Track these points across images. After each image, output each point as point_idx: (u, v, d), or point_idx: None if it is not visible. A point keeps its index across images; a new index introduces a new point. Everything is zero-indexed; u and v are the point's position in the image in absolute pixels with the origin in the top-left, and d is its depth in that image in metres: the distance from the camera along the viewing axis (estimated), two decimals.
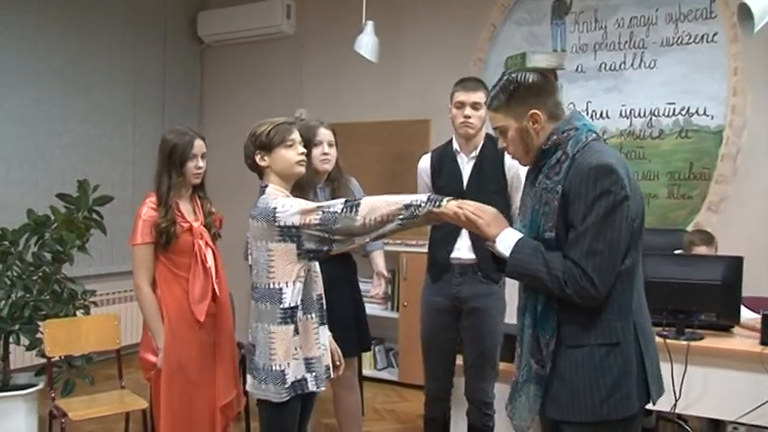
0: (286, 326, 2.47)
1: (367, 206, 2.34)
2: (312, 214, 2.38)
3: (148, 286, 3.11)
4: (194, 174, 3.14)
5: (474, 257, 3.28)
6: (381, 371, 5.61)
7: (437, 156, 3.46)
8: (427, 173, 3.45)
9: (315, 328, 2.56)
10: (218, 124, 6.77)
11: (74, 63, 5.84)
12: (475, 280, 3.29)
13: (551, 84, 2.15)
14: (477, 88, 3.27)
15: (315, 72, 6.34)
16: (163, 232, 3.06)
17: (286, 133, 2.55)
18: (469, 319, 3.32)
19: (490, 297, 3.31)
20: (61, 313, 4.07)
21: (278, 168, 2.56)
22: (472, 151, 3.33)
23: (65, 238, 4.13)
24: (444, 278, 3.35)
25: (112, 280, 5.90)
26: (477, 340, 3.31)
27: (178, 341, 3.08)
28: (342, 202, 2.38)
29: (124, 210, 5.57)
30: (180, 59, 6.80)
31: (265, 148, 2.55)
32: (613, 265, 1.99)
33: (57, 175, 5.58)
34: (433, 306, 3.40)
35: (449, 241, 3.32)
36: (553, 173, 2.06)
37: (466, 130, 3.27)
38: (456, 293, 3.32)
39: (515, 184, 3.28)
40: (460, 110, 3.26)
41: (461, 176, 3.32)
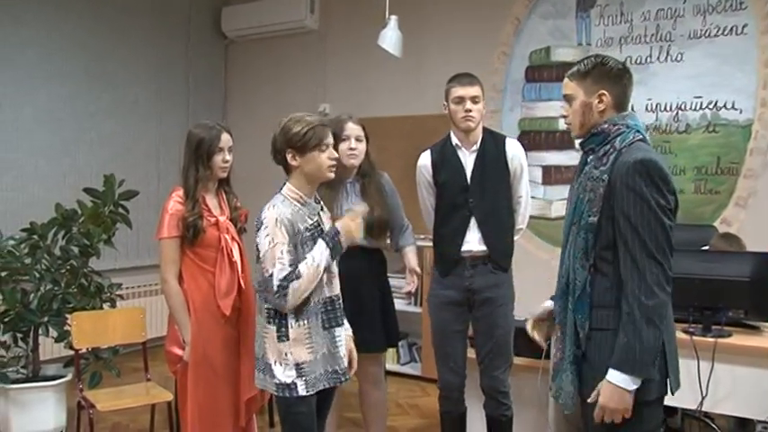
0: (271, 325, 2.54)
1: (295, 291, 2.47)
2: (266, 264, 2.50)
3: (175, 280, 3.11)
4: (221, 167, 3.15)
5: (485, 249, 3.30)
6: (404, 365, 5.59)
7: (437, 152, 3.45)
8: (428, 169, 3.44)
9: (307, 333, 2.55)
10: (243, 119, 6.78)
11: (100, 59, 5.89)
12: (486, 271, 3.32)
13: (629, 78, 2.27)
14: (473, 83, 3.29)
15: (338, 67, 6.34)
16: (190, 226, 3.05)
17: (322, 136, 2.54)
18: (482, 309, 3.34)
19: (501, 286, 3.34)
20: (88, 306, 4.13)
21: (307, 170, 2.56)
22: (473, 145, 3.34)
23: (91, 232, 4.18)
24: (455, 272, 3.35)
25: (138, 273, 5.95)
26: (491, 330, 3.33)
27: (204, 334, 3.10)
28: (278, 282, 2.46)
29: (149, 204, 5.62)
30: (204, 55, 6.84)
31: (298, 148, 2.53)
32: (669, 261, 2.08)
33: (83, 170, 5.64)
34: (443, 300, 3.39)
35: (458, 235, 3.34)
36: (600, 164, 2.19)
37: (468, 124, 3.28)
38: (468, 285, 3.33)
39: (517, 174, 3.35)
40: (461, 105, 3.27)
41: (464, 170, 3.34)
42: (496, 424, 3.42)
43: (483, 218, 3.31)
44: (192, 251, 3.11)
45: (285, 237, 2.48)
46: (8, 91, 5.27)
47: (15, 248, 4.03)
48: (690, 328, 3.19)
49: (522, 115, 5.39)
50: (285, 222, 2.49)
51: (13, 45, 5.28)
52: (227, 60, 7.08)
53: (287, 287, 2.44)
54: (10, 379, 3.99)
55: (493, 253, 3.30)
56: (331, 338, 2.61)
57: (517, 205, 3.41)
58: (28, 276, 4.06)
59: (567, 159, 5.16)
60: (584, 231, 2.18)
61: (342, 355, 2.65)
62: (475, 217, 3.31)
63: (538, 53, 5.30)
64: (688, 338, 3.09)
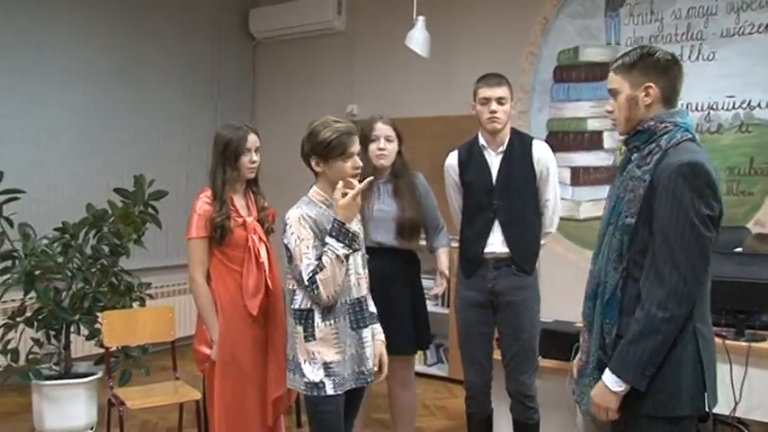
0: (299, 326, 2.56)
1: (323, 282, 2.46)
2: (296, 261, 2.51)
3: (203, 279, 3.13)
4: (248, 168, 3.16)
5: (508, 251, 3.28)
6: (431, 367, 5.58)
7: (464, 152, 3.45)
8: (455, 169, 3.45)
9: (335, 334, 2.56)
10: (270, 120, 6.80)
11: (129, 60, 5.94)
12: (509, 273, 3.29)
13: (678, 70, 2.16)
14: (500, 83, 3.27)
15: (366, 67, 6.34)
16: (218, 227, 3.07)
17: (347, 145, 2.55)
18: (506, 312, 3.32)
19: (525, 289, 3.31)
20: (118, 305, 4.17)
21: (330, 176, 2.58)
22: (499, 146, 3.33)
23: (122, 232, 4.22)
24: (478, 273, 3.35)
25: (167, 273, 5.99)
26: (516, 333, 3.31)
27: (232, 334, 3.11)
28: (307, 276, 2.48)
29: (178, 204, 5.61)
30: (232, 56, 6.87)
31: (323, 155, 2.55)
32: (698, 281, 2.00)
33: (114, 170, 5.68)
34: (467, 301, 3.39)
35: (481, 236, 3.33)
36: (644, 163, 2.08)
37: (493, 126, 3.27)
38: (491, 288, 3.32)
39: (544, 175, 3.31)
40: (486, 106, 3.26)
41: (490, 171, 3.33)
42: (522, 428, 3.41)
43: (507, 220, 3.30)
44: (219, 251, 3.13)
45: (310, 233, 2.50)
46: (41, 92, 5.34)
47: (48, 248, 4.09)
48: (723, 331, 3.14)
49: (551, 116, 5.36)
50: (308, 220, 2.51)
51: (47, 46, 5.35)
52: (255, 61, 7.11)
53: (315, 279, 2.46)
54: (43, 375, 4.06)
55: (516, 255, 3.28)
56: (358, 339, 2.62)
57: (544, 208, 3.37)
58: (60, 275, 4.12)
59: (595, 160, 5.13)
60: (621, 233, 2.09)
61: (368, 356, 2.65)
62: (498, 218, 3.30)
63: (566, 53, 5.26)
64: (721, 342, 3.03)
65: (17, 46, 5.15)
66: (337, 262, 2.45)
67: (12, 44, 5.12)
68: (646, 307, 1.99)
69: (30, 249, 4.01)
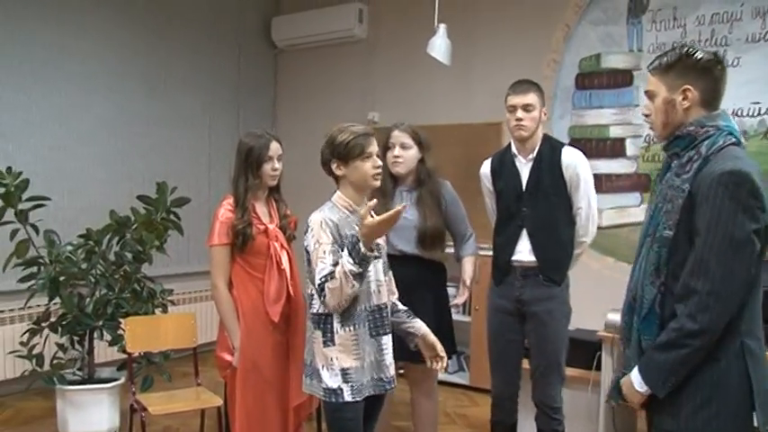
0: (317, 330, 2.55)
1: (330, 291, 2.43)
2: (313, 264, 2.49)
3: (225, 286, 3.15)
4: (270, 176, 3.18)
5: (535, 260, 3.25)
6: (452, 374, 5.54)
7: (497, 160, 3.44)
8: (488, 177, 3.45)
9: (354, 340, 2.54)
10: (292, 127, 6.82)
11: (153, 68, 5.99)
12: (536, 283, 3.26)
13: (721, 71, 2.04)
14: (527, 90, 3.24)
15: (387, 75, 6.34)
16: (239, 234, 3.09)
17: (365, 145, 2.55)
18: (532, 323, 3.29)
19: (552, 300, 3.26)
20: (141, 311, 4.19)
21: (353, 179, 2.58)
22: (530, 153, 3.30)
23: (144, 239, 4.25)
24: (507, 281, 3.33)
25: (189, 279, 6.00)
26: (541, 344, 3.28)
27: (253, 341, 3.12)
28: (319, 280, 2.45)
29: (200, 211, 5.66)
30: (254, 64, 6.89)
31: (342, 157, 2.55)
32: (733, 298, 1.90)
33: (137, 177, 5.73)
34: (497, 308, 3.38)
35: (509, 244, 3.32)
36: (683, 171, 1.97)
37: (519, 133, 3.25)
38: (518, 296, 3.30)
39: (574, 183, 3.25)
40: (513, 113, 3.24)
41: (520, 178, 3.31)
42: None
43: (534, 227, 3.27)
44: (241, 258, 3.15)
45: (329, 238, 2.49)
46: (71, 101, 5.40)
47: (73, 254, 4.13)
48: None
49: (573, 123, 5.33)
50: (330, 224, 2.51)
51: (75, 57, 5.41)
52: (277, 69, 7.13)
53: (324, 286, 2.45)
54: (67, 380, 4.09)
55: (543, 265, 3.25)
56: (378, 347, 2.60)
57: (577, 217, 3.29)
58: (84, 281, 4.18)
59: (618, 167, 5.09)
60: (658, 245, 1.98)
61: (388, 363, 2.63)
62: (526, 227, 3.28)
63: (588, 60, 5.24)
64: None
65: (44, 58, 5.21)
66: (345, 276, 2.40)
67: (38, 56, 5.18)
68: (678, 314, 1.92)
69: (54, 256, 4.05)
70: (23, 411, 4.73)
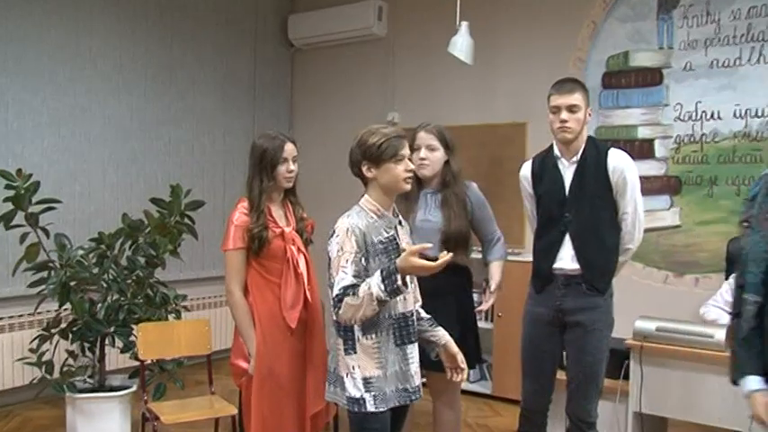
0: (339, 338, 2.55)
1: (346, 307, 2.43)
2: (332, 271, 2.50)
3: (240, 292, 3.15)
4: (285, 178, 3.19)
5: (578, 268, 3.22)
6: (474, 383, 5.51)
7: (538, 162, 3.41)
8: (528, 180, 3.42)
9: (376, 348, 2.54)
10: (309, 128, 6.83)
11: (167, 69, 6.01)
12: (579, 292, 3.22)
13: None
14: (572, 90, 3.20)
15: (407, 74, 6.32)
16: (255, 238, 3.10)
17: (398, 147, 2.56)
18: (573, 333, 3.26)
19: (595, 310, 3.22)
20: (154, 317, 4.19)
21: (383, 182, 2.57)
22: (573, 156, 3.26)
23: (158, 243, 4.25)
24: (548, 289, 3.30)
25: (203, 285, 6.03)
26: (580, 356, 3.25)
27: (270, 347, 3.12)
28: (336, 291, 2.45)
29: (215, 215, 5.69)
30: (270, 63, 6.90)
31: (374, 160, 2.55)
32: None
33: (150, 180, 5.77)
34: (535, 317, 3.35)
35: (551, 251, 3.29)
36: None
37: (563, 135, 3.21)
38: (559, 305, 3.26)
39: (620, 187, 3.21)
40: (557, 114, 3.20)
41: (563, 182, 3.27)
42: None
43: (578, 234, 3.23)
44: (257, 263, 3.16)
45: (354, 246, 2.48)
46: (82, 102, 5.42)
47: (84, 258, 4.12)
48: None
49: (599, 123, 5.28)
50: (356, 232, 2.50)
51: (86, 57, 5.44)
52: (294, 68, 7.12)
53: (342, 299, 2.44)
54: (78, 388, 4.10)
55: (587, 272, 3.21)
56: (403, 356, 2.59)
57: (622, 222, 3.25)
58: (95, 286, 4.17)
59: (646, 169, 5.00)
60: None
61: (413, 372, 2.62)
62: (569, 232, 3.24)
63: (615, 58, 5.18)
64: None
65: (55, 58, 5.24)
66: (369, 299, 2.40)
67: (49, 56, 5.22)
68: None
69: (65, 260, 4.05)
70: (32, 420, 4.74)
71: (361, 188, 2.67)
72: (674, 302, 4.71)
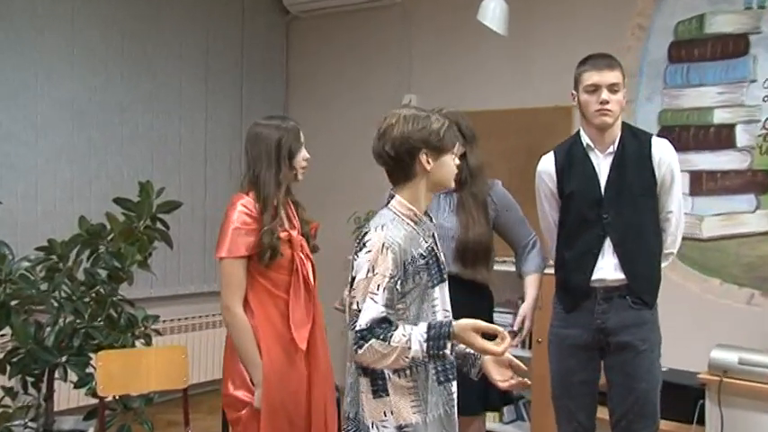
0: (365, 377, 2.52)
1: (371, 351, 2.38)
2: (356, 294, 2.44)
3: (241, 308, 3.17)
4: (303, 168, 3.30)
5: (622, 278, 3.24)
6: (508, 425, 5.51)
7: (563, 154, 3.43)
8: (551, 177, 3.44)
9: (413, 387, 2.50)
10: (308, 114, 6.72)
11: (134, 40, 5.95)
12: (623, 306, 3.25)
13: None
14: (611, 66, 3.24)
15: (427, 48, 6.29)
16: (268, 247, 3.11)
17: (456, 137, 2.58)
18: (619, 356, 3.28)
19: (643, 327, 3.26)
20: (117, 343, 4.15)
21: (436, 177, 2.55)
22: (609, 145, 3.30)
23: (123, 252, 4.21)
24: (583, 306, 3.31)
25: (179, 304, 5.99)
26: (629, 383, 3.26)
27: (279, 375, 3.15)
28: (363, 324, 2.38)
29: (194, 218, 5.76)
30: (261, 34, 6.88)
31: (437, 150, 2.52)
32: None
33: (114, 176, 5.71)
34: (567, 342, 3.36)
35: (588, 260, 3.29)
36: None
37: (603, 120, 3.23)
38: (600, 324, 3.27)
39: (667, 182, 3.28)
40: (595, 94, 3.23)
41: (597, 178, 3.30)
42: None
43: (621, 238, 3.25)
44: (261, 274, 3.19)
45: (389, 268, 2.42)
46: (24, 80, 5.34)
47: (29, 272, 4.07)
48: None
49: (664, 106, 5.18)
50: (395, 249, 2.44)
51: (29, 25, 5.38)
52: (290, 41, 7.10)
53: (368, 338, 2.37)
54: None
55: (633, 283, 3.24)
56: (447, 396, 2.56)
57: (665, 223, 3.32)
58: (44, 306, 4.11)
59: (724, 162, 4.94)
60: None
61: (457, 416, 2.61)
62: (610, 237, 3.26)
63: (687, 24, 5.08)
64: None
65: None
66: (403, 353, 2.35)
67: None
68: None
69: (5, 274, 3.99)
70: None
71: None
72: (761, 327, 4.63)
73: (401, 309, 2.46)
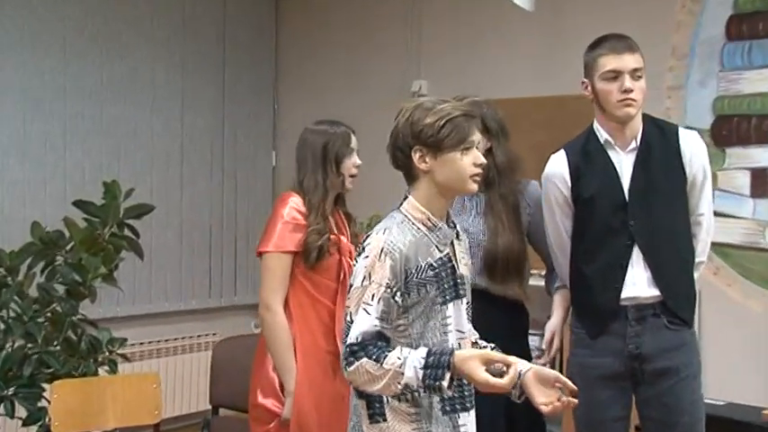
0: (361, 398, 2.55)
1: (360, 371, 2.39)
2: (350, 303, 2.47)
3: (281, 308, 3.34)
4: (351, 175, 3.45)
5: (657, 294, 3.23)
6: None
7: (576, 153, 3.43)
8: (564, 180, 3.42)
9: (415, 414, 2.51)
10: (302, 104, 6.79)
11: (98, 16, 5.91)
12: (658, 326, 3.24)
13: None
14: (632, 49, 3.24)
15: (439, 28, 6.27)
16: (314, 247, 3.29)
17: (467, 131, 2.52)
18: (656, 385, 3.25)
19: (682, 350, 3.26)
20: (76, 372, 4.18)
21: (441, 178, 2.53)
22: (631, 141, 3.31)
23: (84, 264, 4.23)
24: (611, 330, 3.29)
25: (151, 324, 5.99)
26: (671, 417, 3.25)
27: (313, 387, 3.31)
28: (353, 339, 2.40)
29: (169, 223, 5.89)
30: (246, 13, 6.90)
31: (432, 146, 2.50)
32: None
33: (73, 175, 5.67)
34: (592, 373, 3.30)
35: (615, 274, 3.28)
36: None
37: (627, 111, 3.23)
38: (633, 350, 3.24)
39: (699, 181, 3.31)
40: (615, 82, 3.22)
41: (619, 178, 3.30)
42: None
43: (651, 246, 3.25)
44: (304, 275, 3.38)
45: (386, 276, 2.42)
46: None
47: None
48: None
49: (720, 92, 5.10)
50: (394, 256, 2.45)
51: None
52: (279, 19, 7.11)
53: (359, 355, 2.38)
54: None
55: (670, 299, 3.23)
56: (452, 428, 2.55)
57: (696, 227, 3.34)
58: None
59: None
60: None
61: None
62: (639, 245, 3.26)
63: None
64: None
65: None
66: (395, 378, 2.33)
67: None
68: None
69: None
70: None
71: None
72: None
73: (402, 325, 2.48)
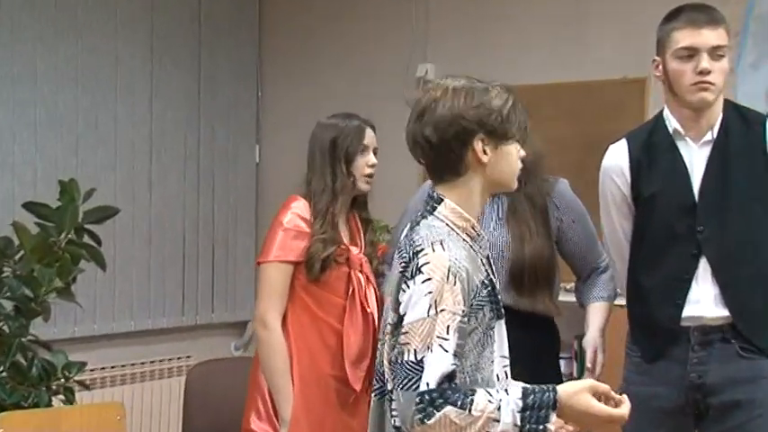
0: None
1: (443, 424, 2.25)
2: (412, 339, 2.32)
3: (279, 324, 3.40)
4: (365, 175, 3.48)
5: (726, 315, 3.19)
6: None
7: (640, 144, 3.40)
8: (623, 174, 3.42)
9: None
10: (288, 96, 6.85)
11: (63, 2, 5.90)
12: (729, 354, 3.20)
13: None
14: (714, 21, 3.18)
15: (447, 6, 6.29)
16: (317, 258, 3.34)
17: (524, 120, 2.48)
18: (724, 422, 3.21)
19: (759, 383, 3.19)
20: (27, 401, 4.16)
21: (495, 174, 2.46)
22: (706, 132, 3.25)
23: (37, 276, 4.21)
24: (671, 354, 3.27)
25: (114, 346, 5.99)
26: None
27: (311, 416, 3.36)
28: (431, 382, 2.25)
29: (135, 229, 5.91)
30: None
31: (497, 135, 2.41)
32: None
33: (23, 173, 5.66)
34: (649, 404, 3.23)
35: (677, 289, 3.25)
36: None
37: (702, 97, 3.17)
38: (695, 379, 3.22)
39: None
40: (691, 61, 3.15)
41: (688, 175, 3.26)
42: None
43: (722, 259, 3.21)
44: (305, 289, 3.44)
45: (459, 302, 2.30)
46: None
47: None
48: None
49: None
50: (463, 277, 2.33)
51: None
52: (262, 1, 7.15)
53: (438, 404, 2.23)
54: None
55: (741, 322, 3.18)
56: None
57: None
58: None
59: None
60: None
61: None
62: (707, 257, 3.21)
63: None
64: None
65: None
66: (486, 428, 2.23)
67: None
68: None
69: None
70: None
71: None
72: None
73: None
